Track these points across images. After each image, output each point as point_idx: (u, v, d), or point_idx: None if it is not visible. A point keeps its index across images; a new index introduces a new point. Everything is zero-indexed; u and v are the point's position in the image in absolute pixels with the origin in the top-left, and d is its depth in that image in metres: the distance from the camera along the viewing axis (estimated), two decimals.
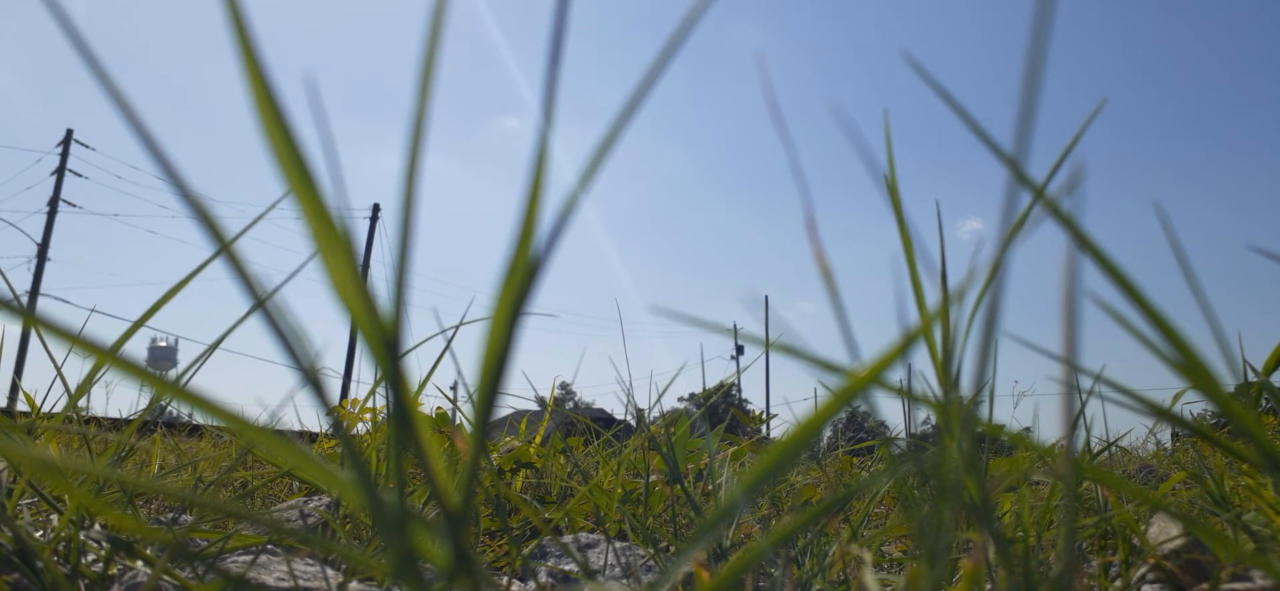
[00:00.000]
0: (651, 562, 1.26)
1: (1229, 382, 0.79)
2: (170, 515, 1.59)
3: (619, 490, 1.48)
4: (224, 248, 0.35)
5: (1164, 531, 1.24)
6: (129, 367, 0.35)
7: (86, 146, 27.22)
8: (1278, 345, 0.87)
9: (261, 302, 0.35)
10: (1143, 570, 1.05)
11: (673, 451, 1.29)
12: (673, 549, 1.26)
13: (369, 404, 2.39)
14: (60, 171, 26.50)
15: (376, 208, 28.28)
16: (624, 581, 1.21)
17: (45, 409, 1.35)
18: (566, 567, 1.29)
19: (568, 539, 1.47)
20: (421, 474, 0.38)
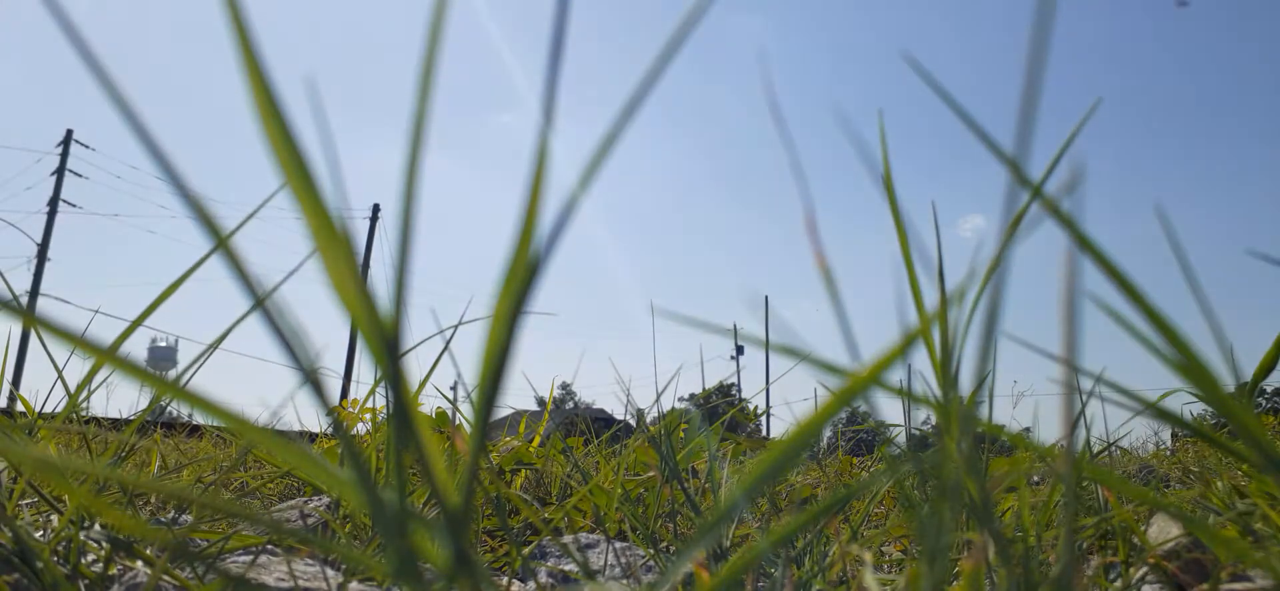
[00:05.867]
0: (651, 562, 1.26)
1: (1230, 383, 0.79)
2: (170, 515, 1.59)
3: (619, 490, 1.48)
4: (221, 243, 0.35)
5: (1164, 531, 1.24)
6: (129, 367, 0.35)
7: (86, 146, 27.23)
8: (1268, 352, 0.87)
9: (261, 301, 0.35)
10: (1143, 570, 1.05)
11: (672, 451, 1.29)
12: (673, 549, 1.26)
13: (369, 404, 2.39)
14: (60, 171, 26.50)
15: (376, 208, 28.31)
16: (624, 581, 1.21)
17: (46, 409, 1.35)
18: (566, 567, 1.29)
19: (568, 539, 1.47)
20: (421, 474, 0.38)
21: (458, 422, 1.94)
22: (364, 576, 1.05)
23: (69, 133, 26.66)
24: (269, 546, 1.06)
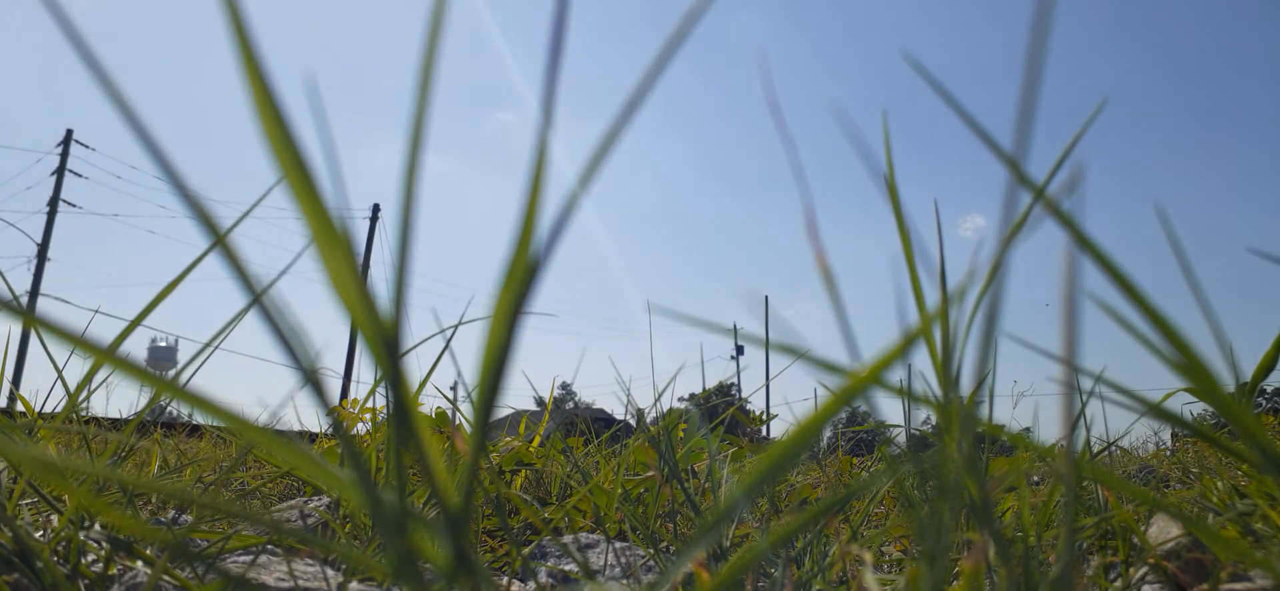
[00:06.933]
0: (651, 562, 1.26)
1: (1230, 383, 0.79)
2: (170, 515, 1.59)
3: (619, 490, 1.48)
4: (219, 240, 0.35)
5: (1164, 531, 1.24)
6: (128, 367, 0.35)
7: (86, 146, 27.22)
8: (1268, 352, 0.87)
9: (258, 297, 0.35)
10: (1143, 570, 1.04)
11: (672, 451, 1.29)
12: (673, 549, 1.26)
13: (369, 404, 2.39)
14: (60, 171, 26.49)
15: (376, 208, 28.32)
16: (624, 581, 1.21)
17: (46, 409, 1.35)
18: (566, 567, 1.29)
19: (568, 539, 1.47)
20: (421, 474, 0.38)
21: (458, 422, 1.94)
22: (364, 576, 1.05)
23: (69, 133, 26.65)
24: (269, 546, 1.06)
